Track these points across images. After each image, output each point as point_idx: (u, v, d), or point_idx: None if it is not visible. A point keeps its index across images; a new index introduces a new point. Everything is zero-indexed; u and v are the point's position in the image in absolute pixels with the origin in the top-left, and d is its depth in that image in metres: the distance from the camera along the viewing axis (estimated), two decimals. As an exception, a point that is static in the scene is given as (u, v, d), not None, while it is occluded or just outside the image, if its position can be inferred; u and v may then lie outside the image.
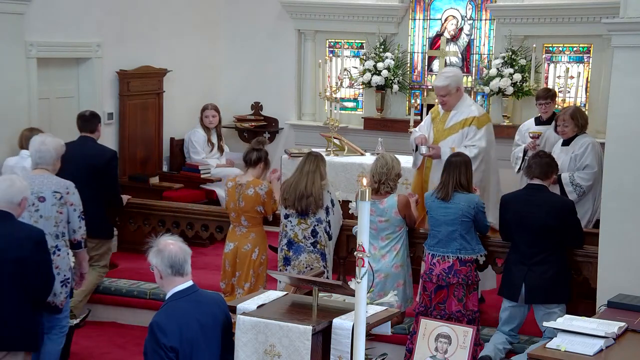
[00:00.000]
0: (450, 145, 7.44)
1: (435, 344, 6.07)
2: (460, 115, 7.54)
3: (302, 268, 6.89)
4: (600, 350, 4.73)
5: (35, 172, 6.31)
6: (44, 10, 8.38)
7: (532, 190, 6.55)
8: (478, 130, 7.47)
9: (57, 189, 6.21)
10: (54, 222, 6.18)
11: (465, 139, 7.48)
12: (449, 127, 7.57)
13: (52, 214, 6.18)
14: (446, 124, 7.58)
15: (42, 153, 6.29)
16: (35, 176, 6.25)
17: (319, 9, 10.75)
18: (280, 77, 11.06)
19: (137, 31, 9.75)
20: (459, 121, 7.53)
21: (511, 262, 6.59)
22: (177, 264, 4.49)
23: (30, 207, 6.06)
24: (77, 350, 6.99)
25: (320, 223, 6.90)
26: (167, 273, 4.48)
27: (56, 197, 6.18)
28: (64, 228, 6.25)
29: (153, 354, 4.35)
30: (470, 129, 7.47)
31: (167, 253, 4.49)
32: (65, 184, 6.27)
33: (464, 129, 7.49)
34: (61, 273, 6.20)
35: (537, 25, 9.81)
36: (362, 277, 3.75)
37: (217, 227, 7.92)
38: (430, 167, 7.64)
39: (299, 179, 6.87)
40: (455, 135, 7.50)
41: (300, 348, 4.52)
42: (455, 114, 7.58)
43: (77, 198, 6.30)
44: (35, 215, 6.14)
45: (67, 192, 6.24)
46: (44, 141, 6.33)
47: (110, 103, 9.48)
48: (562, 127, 7.54)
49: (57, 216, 6.19)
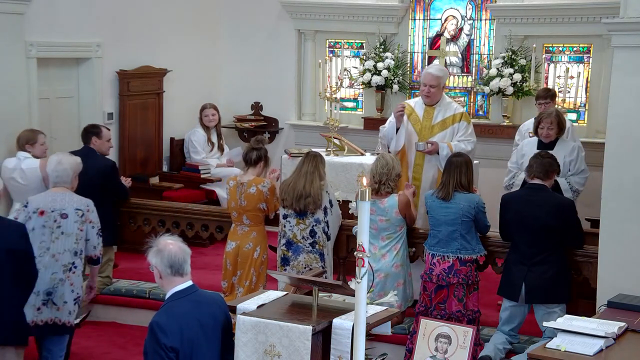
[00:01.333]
0: (440, 140, 7.55)
1: (435, 344, 6.07)
2: (447, 111, 7.67)
3: (300, 268, 6.90)
4: (600, 350, 4.74)
5: (55, 189, 6.39)
6: (44, 10, 8.38)
7: (533, 190, 6.55)
8: (468, 126, 7.68)
9: (79, 207, 6.30)
10: (74, 240, 6.26)
11: (456, 135, 7.61)
12: (437, 123, 7.66)
13: (73, 230, 6.26)
14: (433, 120, 7.65)
15: (60, 172, 6.38)
16: (56, 194, 6.34)
17: (319, 9, 10.74)
18: (280, 77, 11.06)
19: (137, 31, 9.75)
20: (448, 117, 7.65)
21: (511, 262, 6.59)
22: (176, 264, 4.49)
23: (52, 224, 6.19)
24: (77, 350, 6.99)
25: (319, 223, 6.90)
26: (166, 273, 4.49)
27: (78, 215, 6.27)
28: (83, 246, 6.31)
29: (153, 354, 4.34)
30: (461, 124, 7.64)
31: (166, 253, 4.49)
32: (85, 201, 6.37)
33: (455, 124, 7.63)
34: (75, 291, 6.29)
35: (537, 25, 9.81)
36: (362, 277, 3.75)
37: (217, 227, 7.93)
38: (422, 165, 7.68)
39: (297, 179, 6.88)
40: (446, 130, 7.63)
41: (300, 348, 4.52)
42: (440, 110, 7.68)
43: (96, 216, 6.39)
44: (57, 232, 6.23)
45: (87, 210, 6.33)
46: (60, 161, 6.42)
47: (110, 103, 9.48)
48: (547, 130, 7.31)
49: (77, 233, 6.27)
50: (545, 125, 7.31)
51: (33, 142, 7.74)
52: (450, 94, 10.33)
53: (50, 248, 6.19)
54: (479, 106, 10.36)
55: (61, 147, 8.08)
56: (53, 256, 6.20)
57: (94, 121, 8.66)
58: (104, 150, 7.77)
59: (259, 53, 11.12)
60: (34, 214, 6.21)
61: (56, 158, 6.48)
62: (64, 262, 6.21)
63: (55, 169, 6.39)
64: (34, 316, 6.10)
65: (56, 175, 6.38)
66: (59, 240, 6.19)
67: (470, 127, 7.70)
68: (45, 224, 6.19)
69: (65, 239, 6.22)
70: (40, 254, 6.09)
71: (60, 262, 6.21)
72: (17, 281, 5.51)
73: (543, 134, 7.34)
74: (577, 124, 9.62)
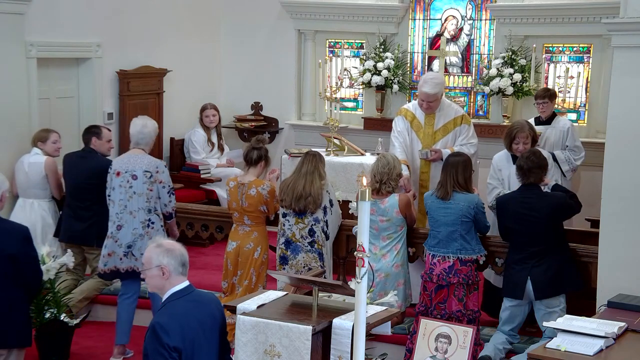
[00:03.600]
0: (444, 145, 7.59)
1: (435, 344, 6.07)
2: (447, 115, 7.69)
3: (299, 267, 6.90)
4: (600, 350, 4.74)
5: (132, 151, 6.97)
6: (44, 10, 8.38)
7: (527, 190, 6.55)
8: (469, 128, 7.71)
9: (148, 169, 6.83)
10: (145, 199, 6.82)
11: (458, 138, 7.64)
12: (439, 128, 7.68)
13: (143, 190, 6.81)
14: (435, 126, 7.66)
15: (144, 135, 6.96)
16: (132, 156, 6.92)
17: (319, 9, 10.74)
18: (280, 77, 11.06)
19: (137, 31, 9.75)
20: (449, 121, 7.68)
21: (512, 261, 6.58)
22: (187, 263, 4.58)
23: (126, 184, 6.79)
24: (77, 350, 7.00)
25: (318, 222, 6.90)
26: (177, 272, 4.51)
27: (146, 176, 6.81)
28: (156, 203, 6.88)
29: (155, 355, 4.34)
30: (462, 127, 7.67)
31: (177, 252, 4.54)
32: (155, 163, 6.89)
33: (456, 128, 7.67)
34: None
35: (537, 25, 9.81)
36: (362, 277, 3.75)
37: (217, 227, 7.93)
38: (428, 172, 7.70)
39: (296, 180, 6.88)
40: (449, 135, 7.65)
41: (300, 348, 4.52)
42: (440, 115, 7.70)
43: (167, 176, 6.94)
44: (130, 192, 6.81)
45: (156, 171, 6.86)
46: (145, 124, 6.99)
47: (110, 103, 9.48)
48: (522, 146, 7.08)
49: (147, 193, 6.83)
50: (520, 141, 7.12)
51: (45, 139, 7.87)
52: (450, 94, 10.33)
53: (127, 206, 6.81)
54: (479, 106, 10.36)
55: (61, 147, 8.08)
56: (130, 213, 6.80)
57: (94, 121, 8.69)
58: (104, 151, 7.77)
59: (259, 53, 11.12)
60: (114, 174, 6.85)
61: (141, 122, 7.01)
62: (140, 219, 6.80)
63: (140, 131, 6.94)
64: (117, 263, 6.82)
65: (140, 137, 6.94)
66: (132, 199, 6.78)
67: (471, 129, 7.73)
68: (121, 184, 6.81)
69: (137, 198, 6.79)
70: (120, 211, 6.81)
71: (138, 219, 6.80)
72: (19, 283, 5.68)
73: (519, 149, 7.08)
74: (577, 124, 9.62)
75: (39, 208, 7.81)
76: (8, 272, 5.60)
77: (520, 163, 6.57)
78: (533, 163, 6.50)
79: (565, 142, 8.23)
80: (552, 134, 8.29)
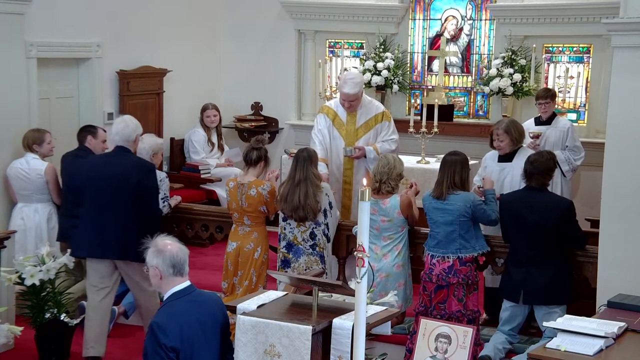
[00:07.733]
0: (366, 142, 7.72)
1: (435, 344, 6.06)
2: (369, 112, 7.82)
3: (301, 270, 6.88)
4: (600, 350, 4.73)
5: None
6: (44, 10, 8.38)
7: (531, 191, 6.54)
8: (390, 124, 7.85)
9: None
10: None
11: (380, 135, 7.78)
12: (360, 125, 7.80)
13: None
14: (357, 123, 7.77)
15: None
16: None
17: (319, 9, 10.75)
18: (280, 77, 11.07)
19: (137, 31, 9.75)
20: (370, 118, 7.81)
21: (510, 263, 6.58)
22: (178, 264, 4.50)
23: None
24: (77, 350, 6.99)
25: (319, 226, 6.89)
26: (168, 273, 4.48)
27: None
28: None
29: (153, 355, 4.34)
30: (383, 124, 7.82)
31: (168, 253, 4.49)
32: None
33: (377, 125, 7.79)
34: None
35: (537, 25, 9.81)
36: (362, 277, 3.75)
37: (217, 227, 7.92)
38: (351, 168, 7.82)
39: (292, 191, 6.79)
40: (370, 132, 7.79)
41: (300, 348, 4.52)
42: (362, 113, 7.81)
43: None
44: None
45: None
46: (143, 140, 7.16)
47: (110, 103, 9.48)
48: (497, 142, 7.14)
49: None
50: (496, 137, 7.16)
51: (40, 141, 7.76)
52: (450, 94, 10.35)
53: None
54: (479, 106, 10.36)
55: (61, 147, 8.08)
56: None
57: (94, 121, 8.71)
58: (99, 151, 7.76)
59: (259, 53, 11.13)
60: None
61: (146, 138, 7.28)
62: None
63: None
64: None
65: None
66: None
67: (392, 125, 7.85)
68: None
69: None
70: None
71: None
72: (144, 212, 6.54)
73: (499, 146, 7.15)
74: (577, 124, 9.63)
75: (42, 212, 7.79)
76: (135, 197, 6.47)
77: (525, 166, 6.58)
78: (535, 168, 6.50)
79: (565, 142, 8.25)
80: (552, 134, 8.30)
